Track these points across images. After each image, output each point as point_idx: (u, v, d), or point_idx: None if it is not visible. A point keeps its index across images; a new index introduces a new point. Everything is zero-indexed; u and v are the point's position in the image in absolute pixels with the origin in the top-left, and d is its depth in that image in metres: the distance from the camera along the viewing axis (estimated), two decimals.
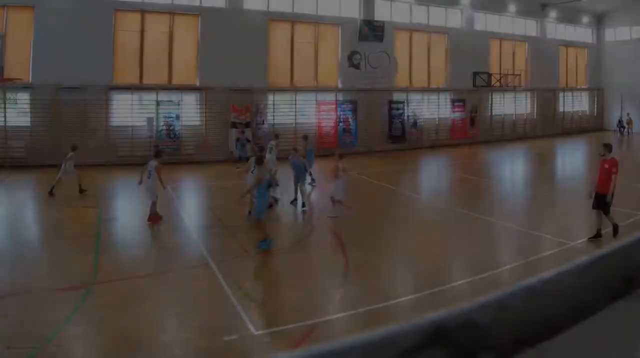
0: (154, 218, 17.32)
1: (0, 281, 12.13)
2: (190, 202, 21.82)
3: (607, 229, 14.93)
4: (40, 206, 20.89)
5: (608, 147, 15.29)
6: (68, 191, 20.88)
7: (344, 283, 12.51)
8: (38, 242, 15.95)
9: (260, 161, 16.25)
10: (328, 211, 18.78)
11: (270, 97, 34.65)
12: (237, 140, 29.91)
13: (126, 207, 20.93)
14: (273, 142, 24.52)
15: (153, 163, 17.58)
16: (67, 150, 21.60)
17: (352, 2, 37.55)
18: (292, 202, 20.38)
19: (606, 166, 14.88)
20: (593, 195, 15.08)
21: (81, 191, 21.65)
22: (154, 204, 17.35)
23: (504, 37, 45.22)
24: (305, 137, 25.95)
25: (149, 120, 30.93)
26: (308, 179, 22.89)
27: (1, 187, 23.78)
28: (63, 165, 21.15)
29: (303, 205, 20.15)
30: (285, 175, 21.55)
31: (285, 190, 20.53)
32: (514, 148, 40.75)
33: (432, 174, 31.45)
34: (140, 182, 17.75)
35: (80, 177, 21.75)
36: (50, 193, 20.74)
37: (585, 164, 33.32)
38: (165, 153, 19.54)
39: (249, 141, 28.90)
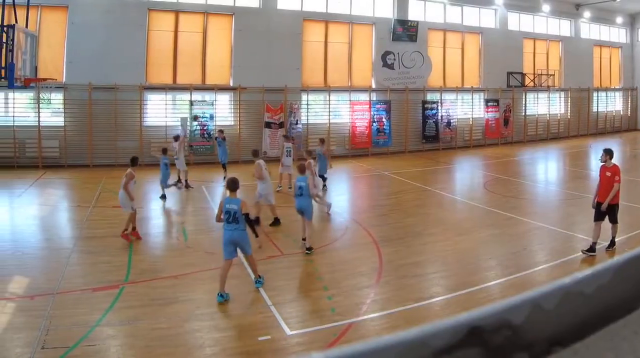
0: (125, 235, 14.63)
1: (34, 281, 11.64)
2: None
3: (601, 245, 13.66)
4: (73, 206, 19.88)
5: (609, 153, 13.70)
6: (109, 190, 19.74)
7: (378, 283, 11.83)
8: (71, 242, 14.98)
9: (302, 170, 14.42)
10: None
11: (304, 97, 32.96)
12: (215, 139, 26.31)
13: (159, 207, 19.95)
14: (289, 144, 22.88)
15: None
16: (101, 151, 20.28)
17: (385, 2, 35.73)
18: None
19: (608, 174, 13.40)
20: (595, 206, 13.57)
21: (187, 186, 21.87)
22: (130, 216, 14.92)
23: (537, 37, 42.91)
24: (322, 141, 23.58)
25: (183, 120, 29.54)
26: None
27: (35, 187, 22.68)
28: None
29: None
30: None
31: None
32: (548, 148, 38.98)
33: (466, 174, 29.88)
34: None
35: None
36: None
37: (620, 164, 31.01)
38: (138, 160, 16.09)
39: (224, 139, 25.24)
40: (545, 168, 33.01)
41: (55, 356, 8.32)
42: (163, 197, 20.38)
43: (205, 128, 30.21)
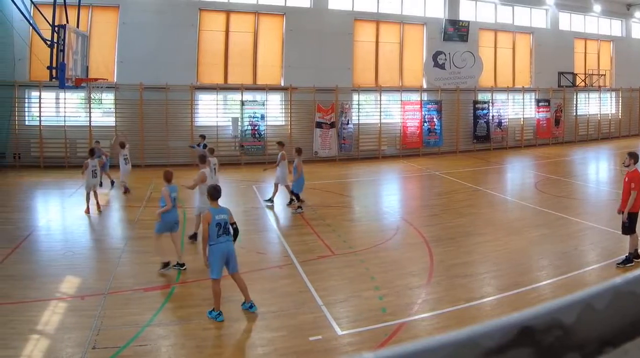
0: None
1: (84, 281, 11.14)
2: (276, 202, 18.67)
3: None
4: (124, 206, 18.65)
5: (633, 156, 12.13)
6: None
7: (429, 283, 11.19)
8: (122, 242, 14.22)
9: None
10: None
11: (355, 97, 30.40)
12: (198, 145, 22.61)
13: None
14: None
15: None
16: (152, 151, 18.47)
17: (436, 2, 32.89)
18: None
19: (626, 179, 11.94)
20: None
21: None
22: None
23: (588, 37, 39.35)
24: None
25: (234, 120, 27.53)
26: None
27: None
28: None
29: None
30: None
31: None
32: (599, 148, 36.07)
33: (517, 174, 27.71)
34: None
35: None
36: None
37: None
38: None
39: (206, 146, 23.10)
40: (596, 168, 30.74)
41: (106, 356, 7.96)
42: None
43: (256, 128, 27.98)
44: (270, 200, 18.38)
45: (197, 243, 13.35)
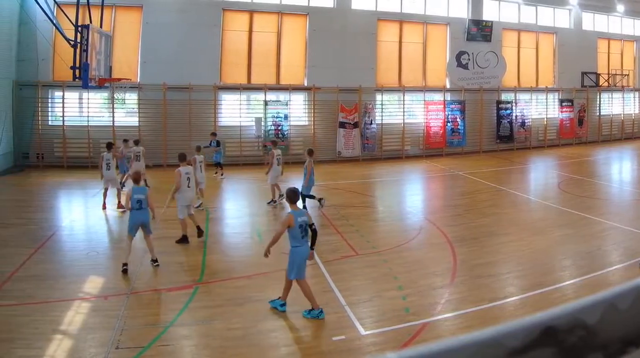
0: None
1: (108, 281, 10.87)
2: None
3: None
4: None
5: None
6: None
7: (452, 283, 10.85)
8: (144, 242, 13.07)
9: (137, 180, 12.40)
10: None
11: (379, 97, 29.36)
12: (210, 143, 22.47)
13: (233, 207, 18.76)
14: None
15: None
16: (176, 151, 17.76)
17: (460, 2, 31.74)
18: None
19: None
20: None
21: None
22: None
23: (612, 37, 37.94)
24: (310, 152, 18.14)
25: (257, 120, 26.65)
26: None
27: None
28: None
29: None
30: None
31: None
32: (622, 148, 34.96)
33: (540, 174, 26.86)
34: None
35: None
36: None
37: None
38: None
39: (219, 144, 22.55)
40: (619, 168, 29.74)
41: (129, 356, 7.77)
42: None
43: (279, 128, 27.07)
44: (275, 200, 17.95)
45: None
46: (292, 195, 9.56)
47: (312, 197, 16.77)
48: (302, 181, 16.56)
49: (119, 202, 16.75)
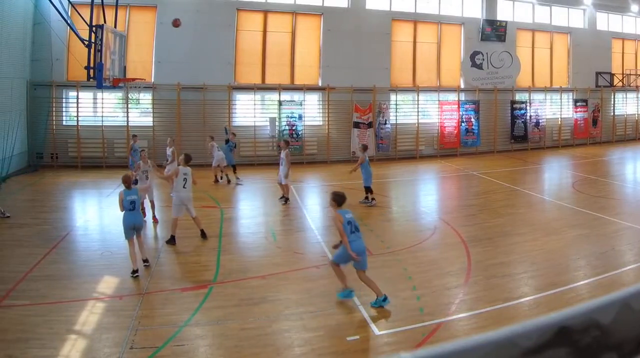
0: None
1: (122, 281, 10.67)
2: (313, 202, 18.29)
3: None
4: (161, 206, 17.23)
5: None
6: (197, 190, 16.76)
7: (466, 283, 10.65)
8: (159, 242, 13.72)
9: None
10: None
11: (393, 97, 28.64)
12: (226, 142, 21.51)
13: (247, 207, 18.35)
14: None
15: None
16: (190, 151, 17.06)
17: (474, 2, 30.96)
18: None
19: None
20: None
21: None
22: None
23: (626, 37, 36.97)
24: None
25: (271, 120, 26.08)
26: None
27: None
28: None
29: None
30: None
31: None
32: (636, 148, 34.08)
33: (554, 174, 26.25)
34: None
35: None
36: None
37: None
38: None
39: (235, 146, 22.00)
40: (634, 168, 29.07)
41: (143, 356, 7.67)
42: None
43: (294, 128, 26.47)
44: (284, 198, 17.77)
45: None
46: (338, 199, 9.69)
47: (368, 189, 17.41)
48: (362, 176, 17.28)
49: (154, 216, 15.57)
